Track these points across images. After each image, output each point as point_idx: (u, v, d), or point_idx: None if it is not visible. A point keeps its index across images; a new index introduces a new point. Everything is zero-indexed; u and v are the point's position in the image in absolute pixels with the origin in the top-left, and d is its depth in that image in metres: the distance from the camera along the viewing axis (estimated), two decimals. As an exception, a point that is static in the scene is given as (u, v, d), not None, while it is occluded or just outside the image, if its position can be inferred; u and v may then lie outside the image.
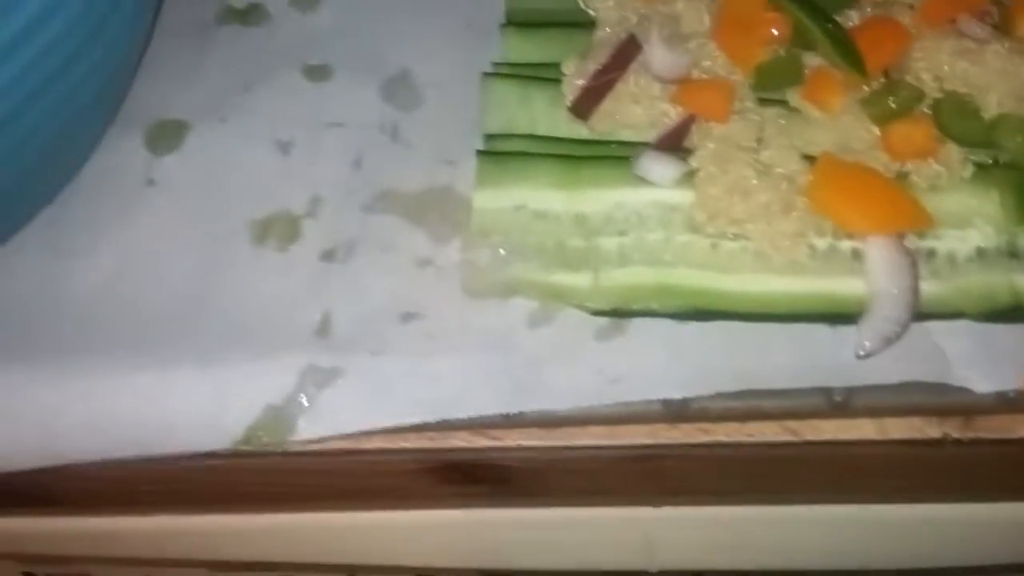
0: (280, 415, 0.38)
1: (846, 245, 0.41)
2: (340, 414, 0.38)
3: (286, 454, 0.39)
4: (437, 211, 0.43)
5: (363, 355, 0.39)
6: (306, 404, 0.38)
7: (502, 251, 0.42)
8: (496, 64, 0.47)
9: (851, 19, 0.45)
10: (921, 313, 0.41)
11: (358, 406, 0.38)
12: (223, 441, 0.38)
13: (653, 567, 0.48)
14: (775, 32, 0.43)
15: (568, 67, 0.45)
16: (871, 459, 0.40)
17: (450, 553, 0.47)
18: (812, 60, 0.44)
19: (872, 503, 0.43)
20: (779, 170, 0.42)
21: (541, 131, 0.45)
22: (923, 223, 0.41)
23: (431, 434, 0.40)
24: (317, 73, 0.47)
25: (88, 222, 0.43)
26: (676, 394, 0.39)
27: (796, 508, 0.44)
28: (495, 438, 0.40)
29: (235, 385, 0.39)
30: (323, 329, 0.40)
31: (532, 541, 0.47)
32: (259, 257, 0.42)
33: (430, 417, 0.38)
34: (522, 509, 0.45)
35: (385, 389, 0.39)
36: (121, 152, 0.45)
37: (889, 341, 0.39)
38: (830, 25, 0.42)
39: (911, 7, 0.45)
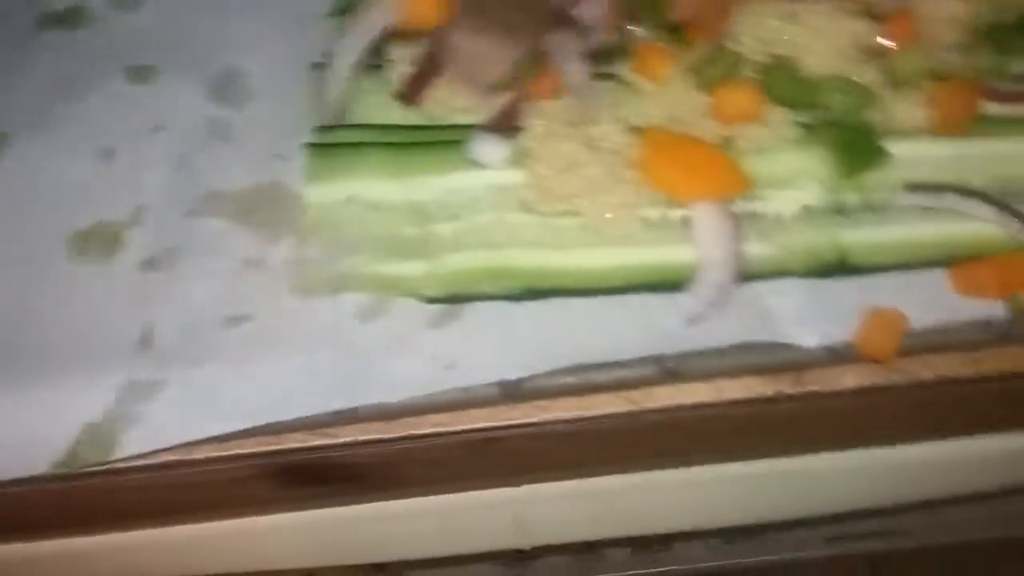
0: (100, 433, 0.37)
1: (676, 214, 0.41)
2: (163, 427, 0.37)
3: (113, 472, 0.38)
4: (266, 209, 0.42)
5: (186, 364, 0.38)
6: (126, 421, 0.37)
7: (333, 245, 0.41)
8: (324, 54, 0.45)
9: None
10: (749, 274, 0.41)
11: (181, 417, 0.37)
12: (42, 465, 0.37)
13: (529, 544, 0.49)
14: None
15: (394, 52, 0.44)
16: (709, 421, 0.40)
17: (322, 553, 0.47)
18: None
19: (716, 463, 0.43)
20: (607, 144, 0.42)
21: (375, 119, 0.45)
22: (742, 187, 0.41)
23: (265, 438, 0.39)
24: (141, 75, 0.46)
25: None
26: (511, 375, 0.39)
27: (649, 474, 0.44)
28: (331, 436, 0.39)
29: (53, 406, 0.37)
30: (144, 341, 0.39)
31: (401, 532, 0.47)
32: (79, 271, 0.40)
33: (256, 421, 0.37)
34: (383, 503, 0.45)
35: (209, 398, 0.37)
36: None
37: (715, 305, 0.40)
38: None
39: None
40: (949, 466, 0.44)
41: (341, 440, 0.39)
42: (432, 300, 0.41)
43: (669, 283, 0.41)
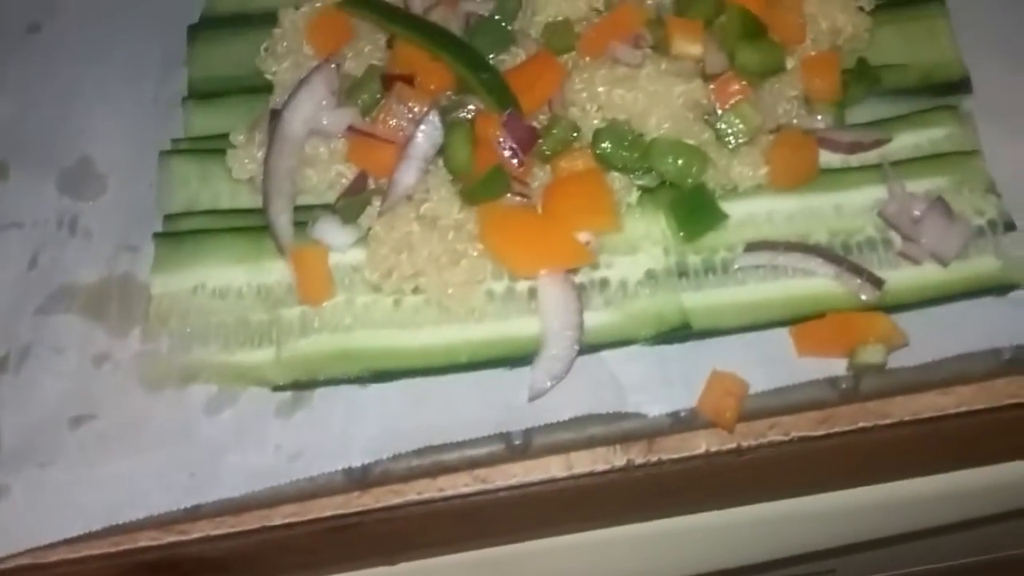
0: (-56, 543, 0.38)
1: (523, 286, 0.42)
2: (9, 533, 0.37)
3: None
4: (116, 302, 0.42)
5: (31, 468, 0.38)
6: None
7: (181, 336, 0.41)
8: (175, 140, 0.46)
9: (519, 56, 0.45)
10: (595, 344, 0.41)
11: (27, 522, 0.37)
12: None
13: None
14: (441, 83, 0.42)
15: (235, 137, 0.44)
16: (564, 493, 0.40)
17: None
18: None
19: (573, 533, 0.43)
20: (443, 220, 0.42)
21: (224, 205, 0.45)
22: (581, 259, 0.41)
23: (116, 538, 0.39)
24: (-8, 173, 0.47)
25: None
26: (356, 461, 0.39)
27: (530, 544, 0.44)
28: (183, 532, 0.39)
29: None
30: (-12, 447, 0.40)
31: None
32: (-75, 379, 0.41)
33: (102, 524, 0.37)
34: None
35: (52, 501, 0.37)
36: None
37: (557, 378, 0.40)
38: (483, 74, 0.42)
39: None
40: (807, 521, 0.44)
41: (193, 536, 0.39)
42: (278, 387, 0.41)
43: (516, 357, 0.41)
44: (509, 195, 0.41)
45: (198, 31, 0.48)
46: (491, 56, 0.44)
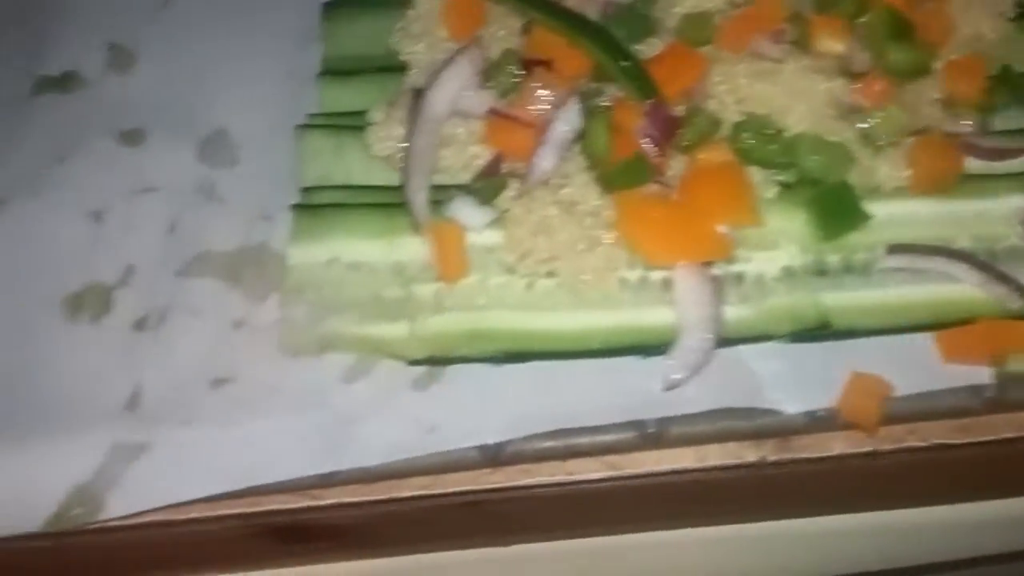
0: (88, 493, 0.38)
1: (657, 276, 0.42)
2: (148, 489, 0.38)
3: (102, 531, 0.38)
4: (253, 269, 0.43)
5: (172, 426, 0.39)
6: (113, 482, 0.37)
7: (318, 306, 0.41)
8: (311, 115, 0.46)
9: (654, 47, 0.45)
10: (731, 338, 0.41)
11: (166, 479, 0.38)
12: (33, 523, 0.37)
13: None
14: (579, 69, 0.42)
15: (375, 114, 0.44)
16: (693, 486, 0.40)
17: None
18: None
19: (700, 526, 0.43)
20: (582, 206, 0.42)
21: (357, 180, 0.45)
22: (721, 252, 0.41)
23: (251, 499, 0.39)
24: (132, 138, 0.46)
25: None
26: (491, 439, 0.39)
27: (633, 536, 0.44)
28: (315, 498, 0.39)
29: (43, 466, 0.38)
30: (132, 402, 0.40)
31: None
32: (71, 332, 0.41)
33: (240, 485, 0.38)
34: (371, 560, 0.45)
35: (193, 460, 0.38)
36: None
37: (695, 370, 0.40)
38: (624, 61, 0.42)
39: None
40: (939, 531, 0.43)
41: (325, 502, 0.39)
42: (414, 362, 0.41)
43: (649, 346, 0.41)
44: (647, 184, 0.42)
45: (332, 8, 0.49)
46: (630, 45, 0.44)
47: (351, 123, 0.45)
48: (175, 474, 0.38)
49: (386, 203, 0.43)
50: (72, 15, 0.49)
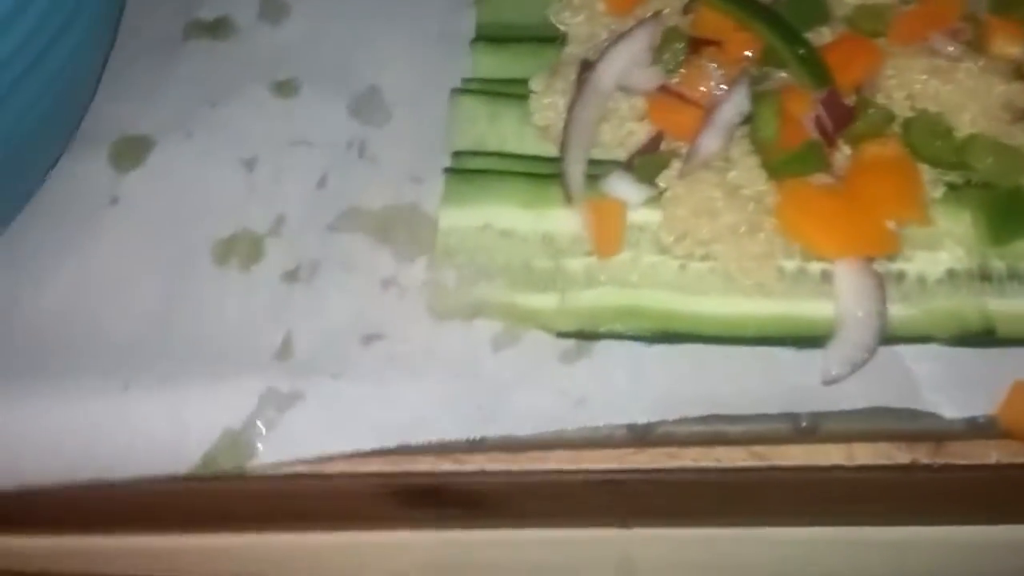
0: (238, 440, 0.38)
1: (815, 267, 0.41)
2: (299, 439, 0.38)
3: (247, 478, 0.38)
4: (402, 230, 0.42)
5: (324, 378, 0.39)
6: (264, 429, 0.38)
7: (468, 271, 0.41)
8: (466, 80, 0.46)
9: (823, 35, 0.44)
10: (890, 337, 0.40)
11: (317, 431, 0.38)
12: (181, 466, 0.38)
13: (629, 587, 0.48)
14: (747, 53, 0.42)
15: (536, 84, 0.44)
16: (839, 484, 0.39)
17: (427, 572, 0.47)
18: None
19: (843, 526, 0.42)
20: (746, 191, 0.41)
21: (510, 149, 0.45)
22: (889, 248, 0.40)
23: (394, 458, 0.39)
24: (284, 89, 0.46)
25: (49, 242, 0.42)
26: (641, 418, 0.39)
27: (768, 530, 0.44)
28: (459, 462, 0.39)
29: (193, 409, 0.38)
30: (284, 351, 0.40)
31: (509, 561, 0.47)
32: (221, 277, 0.41)
33: (390, 442, 0.38)
34: (497, 530, 0.44)
35: (345, 414, 0.38)
36: (84, 169, 0.44)
37: (856, 366, 0.39)
38: (799, 48, 0.41)
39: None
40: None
41: (468, 468, 0.39)
42: (562, 334, 0.40)
43: (805, 338, 0.40)
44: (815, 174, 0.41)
45: (487, -26, 0.50)
46: (803, 32, 0.43)
47: (506, 91, 0.45)
48: (326, 425, 0.38)
49: (539, 173, 0.43)
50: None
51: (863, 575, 0.45)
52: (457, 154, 0.44)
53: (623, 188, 0.42)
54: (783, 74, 0.42)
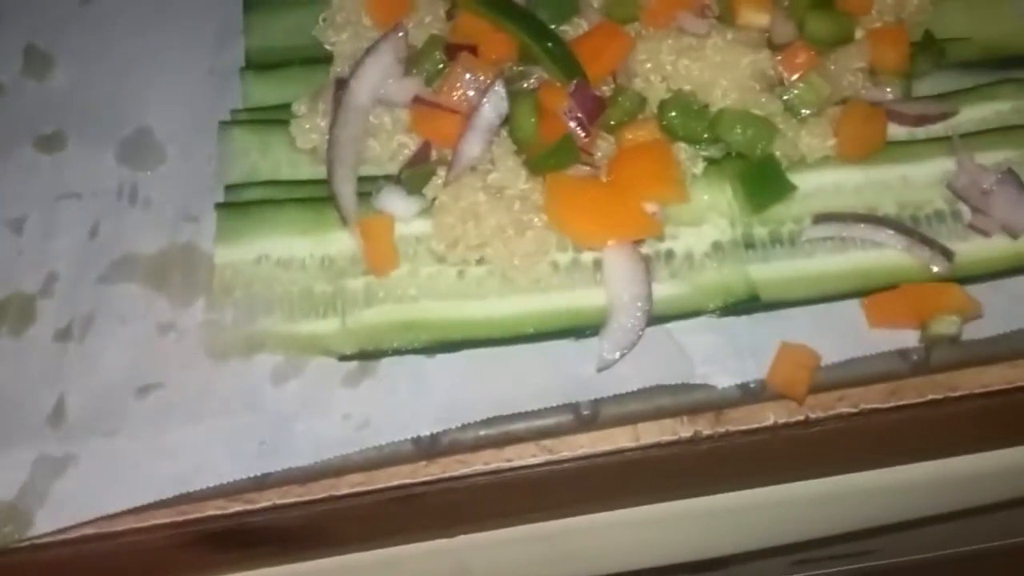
0: (14, 511, 0.37)
1: (587, 257, 0.42)
2: (76, 502, 0.37)
3: (37, 547, 0.37)
4: (179, 272, 0.42)
5: (97, 438, 0.38)
6: (40, 498, 0.37)
7: (246, 306, 0.41)
8: (235, 111, 0.46)
9: (581, 27, 0.44)
10: (661, 316, 0.41)
11: (94, 491, 0.37)
12: (-42, 545, 0.38)
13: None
14: (504, 53, 0.42)
15: (297, 107, 0.44)
16: (630, 465, 0.40)
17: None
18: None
19: (649, 503, 0.43)
20: (510, 191, 0.41)
21: (284, 176, 0.44)
22: (650, 230, 0.41)
23: (181, 507, 0.38)
24: (51, 143, 0.45)
25: None
26: (424, 431, 0.39)
27: (581, 518, 0.44)
28: (250, 501, 0.39)
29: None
30: (56, 415, 0.39)
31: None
32: (-7, 345, 0.41)
33: (169, 493, 0.37)
34: (321, 559, 0.44)
35: (122, 470, 0.37)
36: None
37: (627, 349, 0.39)
38: (549, 44, 0.42)
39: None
40: (869, 496, 0.44)
41: (260, 505, 0.39)
42: (345, 357, 0.40)
43: (582, 328, 0.40)
44: (575, 166, 0.42)
45: (253, 1, 0.48)
46: (555, 26, 0.44)
47: (276, 117, 0.45)
48: (103, 486, 0.37)
49: (314, 197, 0.43)
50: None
51: (689, 546, 0.46)
52: (230, 187, 0.43)
53: (394, 203, 0.42)
54: (540, 72, 0.43)
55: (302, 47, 0.46)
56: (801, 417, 0.40)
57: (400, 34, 0.42)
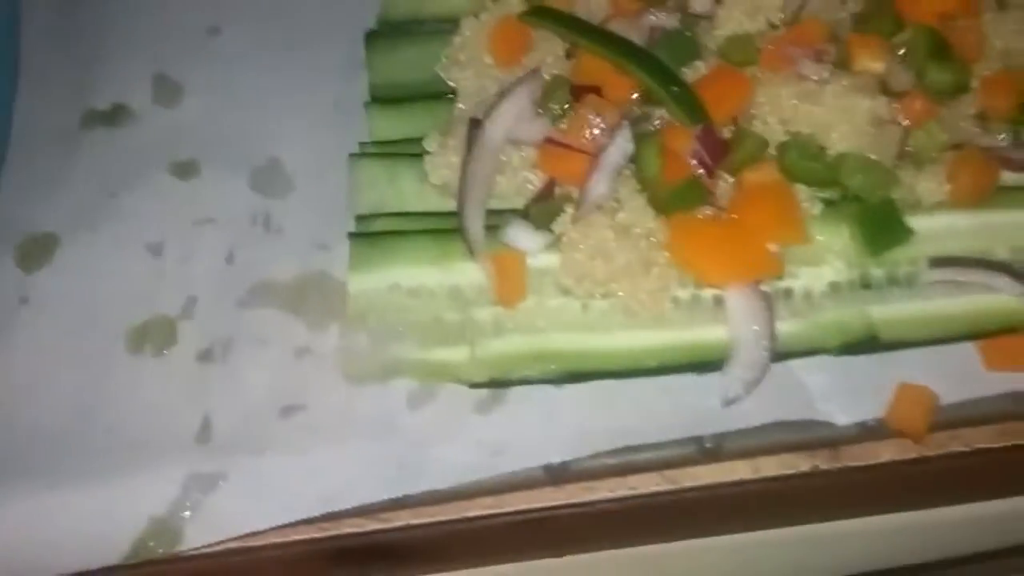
0: (165, 526, 0.39)
1: (708, 293, 0.43)
2: (225, 519, 0.39)
3: (178, 560, 0.39)
4: (313, 298, 0.44)
5: (245, 456, 0.40)
6: (189, 513, 0.39)
7: (379, 332, 0.42)
8: (363, 143, 0.47)
9: (699, 69, 0.46)
10: (782, 352, 0.42)
11: (242, 509, 0.39)
12: (111, 557, 0.38)
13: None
14: (627, 94, 0.43)
15: (430, 144, 0.45)
16: (748, 497, 0.41)
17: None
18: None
19: (757, 531, 0.44)
20: (637, 229, 0.43)
21: (411, 207, 0.46)
22: (773, 271, 0.42)
23: (322, 524, 0.40)
24: (185, 170, 0.47)
25: None
26: (556, 458, 0.40)
27: (693, 542, 0.46)
28: (385, 520, 0.40)
29: (119, 500, 0.39)
30: (203, 433, 0.41)
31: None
32: (137, 365, 0.42)
33: (315, 512, 0.39)
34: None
35: (268, 489, 0.39)
36: None
37: (751, 386, 0.41)
38: (673, 87, 0.43)
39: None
40: (986, 524, 0.45)
41: (395, 524, 0.40)
42: (476, 385, 0.42)
43: (704, 363, 0.42)
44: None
45: (375, 37, 0.50)
46: (678, 69, 0.45)
47: (402, 151, 0.46)
48: (250, 503, 0.39)
49: (442, 229, 0.44)
50: (118, 47, 0.49)
51: (777, 572, 0.47)
52: (360, 218, 0.45)
53: (521, 237, 0.43)
54: (663, 112, 0.45)
55: (424, 81, 0.48)
56: (915, 455, 0.42)
57: (536, 79, 0.44)
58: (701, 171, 0.43)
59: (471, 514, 0.41)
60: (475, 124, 0.44)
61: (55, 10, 0.50)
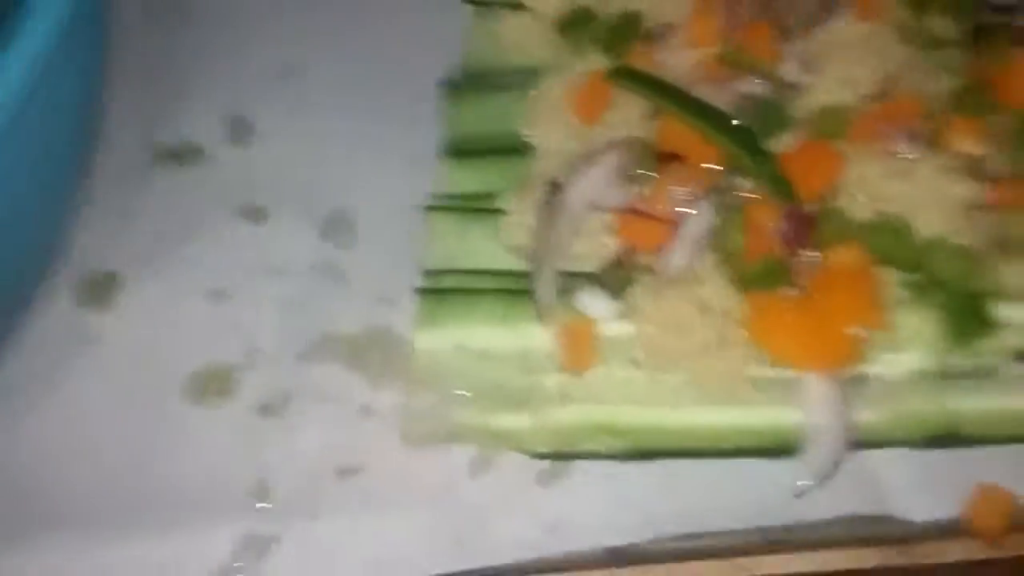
0: (221, 586, 0.39)
1: (783, 374, 0.41)
2: (280, 582, 0.39)
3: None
4: (375, 354, 0.43)
5: (300, 519, 0.39)
6: (244, 574, 0.38)
7: (442, 394, 0.41)
8: (434, 196, 0.46)
9: (785, 140, 0.44)
10: (857, 442, 0.41)
11: (296, 574, 0.38)
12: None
13: None
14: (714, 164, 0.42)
15: (505, 202, 0.44)
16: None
17: None
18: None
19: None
20: (716, 305, 0.41)
21: (481, 265, 0.45)
22: (853, 359, 0.40)
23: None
24: (254, 215, 0.46)
25: (16, 389, 0.41)
26: (618, 540, 0.39)
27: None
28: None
29: (172, 558, 0.38)
30: (260, 491, 0.40)
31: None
32: (195, 415, 0.41)
33: (372, 579, 0.39)
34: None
35: (322, 555, 0.38)
36: (53, 310, 0.43)
37: (824, 478, 0.40)
38: (762, 163, 0.42)
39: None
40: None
41: (451, 597, 0.40)
42: (538, 455, 0.41)
43: (777, 448, 0.40)
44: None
45: (450, 90, 0.48)
46: (765, 140, 0.43)
47: (475, 206, 0.45)
48: (303, 569, 0.38)
49: (511, 289, 0.43)
50: (191, 85, 0.48)
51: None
52: (428, 273, 0.44)
53: (594, 304, 0.42)
54: (748, 183, 0.43)
55: (499, 135, 0.46)
56: (984, 556, 0.40)
57: (622, 149, 0.42)
58: (785, 248, 0.42)
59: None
60: (555, 188, 0.43)
61: (140, 39, 0.48)
